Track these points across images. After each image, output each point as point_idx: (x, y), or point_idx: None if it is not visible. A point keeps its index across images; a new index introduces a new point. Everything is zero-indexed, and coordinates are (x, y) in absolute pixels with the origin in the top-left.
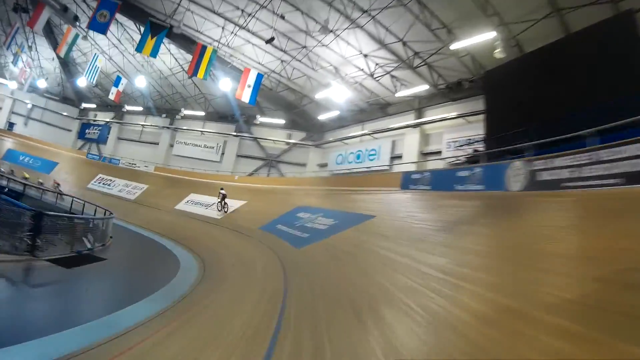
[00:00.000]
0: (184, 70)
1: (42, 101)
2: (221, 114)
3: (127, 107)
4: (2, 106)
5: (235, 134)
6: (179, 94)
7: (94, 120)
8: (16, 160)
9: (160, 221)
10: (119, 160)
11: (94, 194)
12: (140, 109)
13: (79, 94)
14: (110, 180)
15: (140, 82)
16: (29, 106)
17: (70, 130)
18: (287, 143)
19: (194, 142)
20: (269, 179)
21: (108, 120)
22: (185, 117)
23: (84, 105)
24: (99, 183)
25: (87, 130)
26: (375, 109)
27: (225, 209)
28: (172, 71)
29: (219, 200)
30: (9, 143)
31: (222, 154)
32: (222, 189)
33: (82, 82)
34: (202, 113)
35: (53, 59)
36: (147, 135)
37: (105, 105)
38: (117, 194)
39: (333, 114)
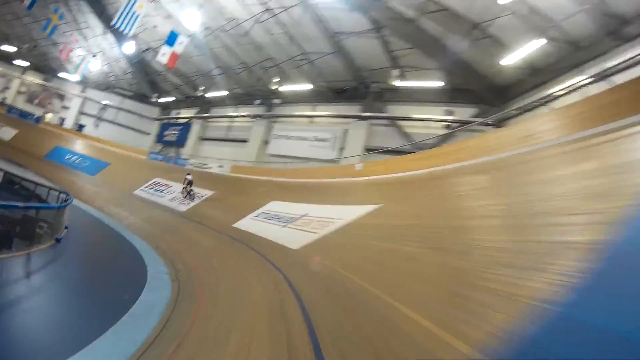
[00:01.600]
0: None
1: (117, 100)
2: (335, 87)
3: (210, 94)
4: (70, 105)
5: (362, 114)
6: (271, 60)
7: (175, 120)
8: (61, 159)
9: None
10: (187, 160)
11: (136, 203)
12: (224, 93)
13: (152, 84)
14: (167, 185)
15: (212, 41)
16: (103, 103)
17: (148, 134)
18: (450, 124)
19: (300, 134)
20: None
21: (189, 116)
22: (286, 101)
23: (160, 99)
24: (151, 189)
25: (165, 132)
26: None
27: (192, 196)
28: (256, 18)
29: (184, 186)
30: (60, 140)
31: (341, 148)
32: (188, 174)
33: (129, 47)
34: (310, 86)
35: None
36: (237, 131)
37: (187, 99)
38: (166, 204)
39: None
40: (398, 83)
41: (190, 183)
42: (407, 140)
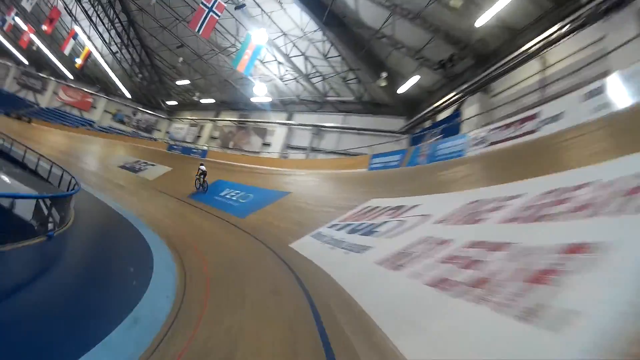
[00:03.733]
0: None
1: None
2: None
3: None
4: (272, 141)
5: None
6: None
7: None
8: (209, 197)
9: None
10: None
11: None
12: None
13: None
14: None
15: None
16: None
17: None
18: None
19: None
20: None
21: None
22: None
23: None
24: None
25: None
26: None
27: (205, 187)
28: None
29: (197, 176)
30: (227, 172)
31: None
32: (202, 164)
33: None
34: None
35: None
36: None
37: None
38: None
39: None
40: None
41: (203, 174)
42: None
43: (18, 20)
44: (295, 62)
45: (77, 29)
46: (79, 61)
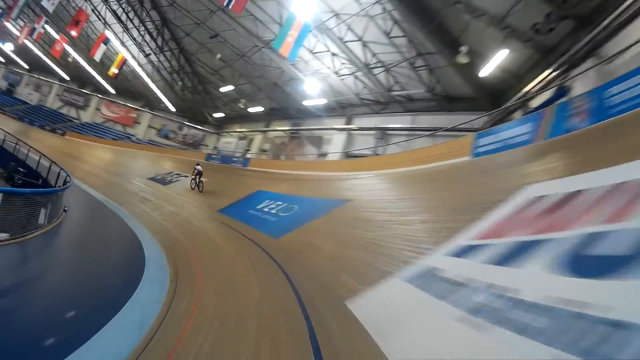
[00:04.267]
0: None
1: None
2: None
3: None
4: (328, 149)
5: None
6: None
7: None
8: (242, 211)
9: None
10: None
11: None
12: None
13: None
14: None
15: None
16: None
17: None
18: None
19: None
20: None
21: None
22: None
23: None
24: None
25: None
26: None
27: (200, 187)
28: None
29: (193, 177)
30: (270, 182)
31: None
32: (198, 164)
33: None
34: None
35: None
36: None
37: None
38: None
39: None
40: None
41: (199, 174)
42: None
43: (49, 29)
44: (351, 49)
45: (108, 34)
46: (114, 70)
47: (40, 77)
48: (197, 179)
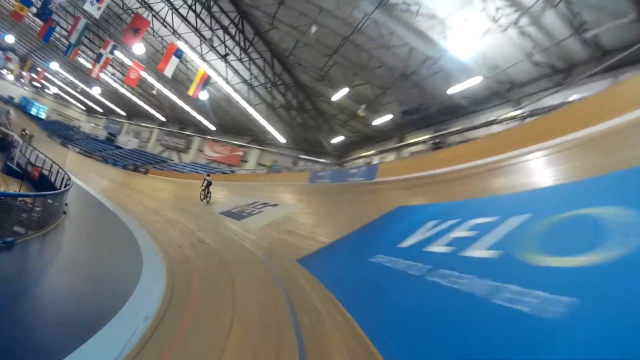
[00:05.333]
0: None
1: None
2: None
3: None
4: None
5: None
6: None
7: None
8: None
9: None
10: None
11: None
12: None
13: None
14: None
15: None
16: None
17: None
18: None
19: None
20: None
21: None
22: None
23: None
24: None
25: None
26: None
27: (208, 198)
28: None
29: (202, 188)
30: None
31: None
32: (208, 175)
33: None
34: None
35: None
36: None
37: None
38: None
39: None
40: None
41: (209, 184)
42: None
43: (119, 54)
44: None
45: (181, 44)
46: (192, 90)
47: (140, 124)
48: (207, 191)
